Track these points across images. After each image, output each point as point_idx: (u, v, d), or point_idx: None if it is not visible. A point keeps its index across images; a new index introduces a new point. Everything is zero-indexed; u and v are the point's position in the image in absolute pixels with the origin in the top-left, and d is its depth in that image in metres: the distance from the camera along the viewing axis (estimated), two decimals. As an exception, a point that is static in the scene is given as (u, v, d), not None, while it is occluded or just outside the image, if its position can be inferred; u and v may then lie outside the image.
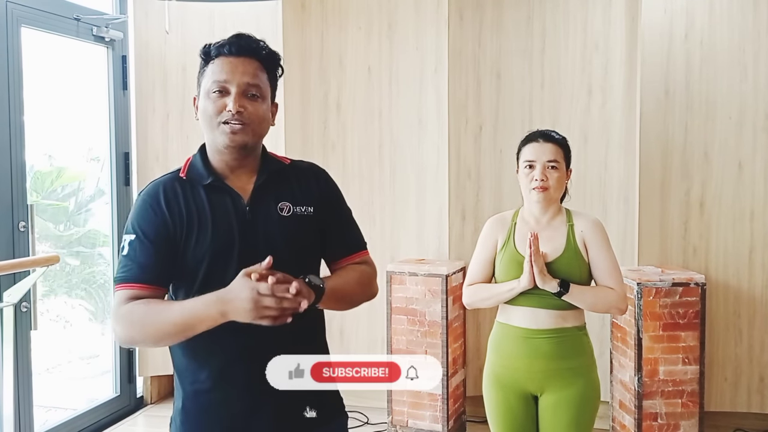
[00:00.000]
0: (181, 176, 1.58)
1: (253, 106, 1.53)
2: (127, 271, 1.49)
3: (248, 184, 1.58)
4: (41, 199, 4.33)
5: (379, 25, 4.12)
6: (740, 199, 3.76)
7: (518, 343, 2.28)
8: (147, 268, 1.49)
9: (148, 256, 1.49)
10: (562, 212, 2.36)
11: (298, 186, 1.62)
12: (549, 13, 3.95)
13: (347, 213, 1.73)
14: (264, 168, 1.60)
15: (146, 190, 1.57)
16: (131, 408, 4.26)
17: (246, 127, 1.52)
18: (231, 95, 1.51)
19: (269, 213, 1.56)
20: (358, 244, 1.72)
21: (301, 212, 1.59)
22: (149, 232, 1.50)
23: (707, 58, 3.76)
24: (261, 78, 1.55)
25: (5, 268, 3.04)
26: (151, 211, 1.52)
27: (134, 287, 1.48)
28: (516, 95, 4.00)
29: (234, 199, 1.55)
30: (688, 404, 3.42)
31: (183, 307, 1.42)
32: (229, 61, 1.53)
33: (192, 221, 1.52)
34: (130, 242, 1.51)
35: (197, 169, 1.58)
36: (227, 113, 1.50)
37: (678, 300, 3.40)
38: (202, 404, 1.55)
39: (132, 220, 1.53)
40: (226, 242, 1.51)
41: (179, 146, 4.25)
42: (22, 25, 3.44)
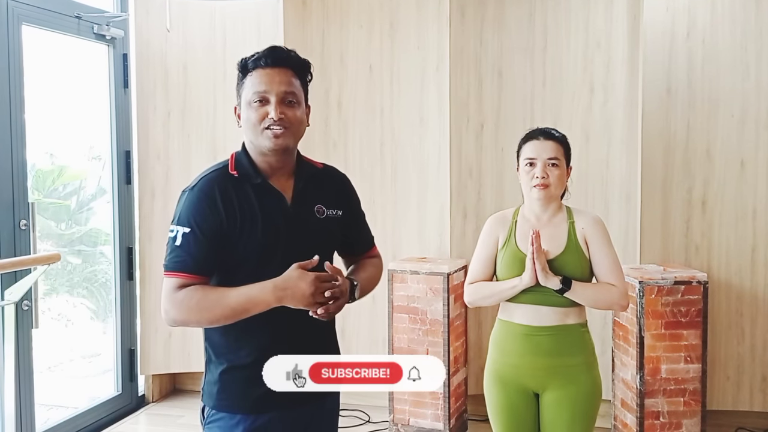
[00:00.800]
0: (231, 173, 1.71)
1: (292, 111, 1.68)
2: (180, 262, 1.64)
3: (287, 185, 1.75)
4: (43, 198, 4.33)
5: (381, 23, 4.12)
6: (742, 197, 3.75)
7: (520, 340, 2.27)
8: (199, 260, 1.64)
9: (200, 249, 1.63)
10: (562, 210, 2.36)
11: (330, 191, 1.83)
12: (550, 11, 3.95)
13: (363, 214, 1.96)
14: (301, 172, 1.78)
15: (200, 186, 1.69)
16: (133, 407, 4.26)
17: (287, 131, 1.67)
18: (271, 104, 1.66)
19: (309, 214, 1.75)
20: (372, 241, 1.99)
21: (332, 215, 1.80)
22: (204, 227, 1.64)
23: (709, 57, 3.75)
24: (295, 85, 1.71)
25: (6, 267, 3.04)
26: (206, 207, 1.65)
27: (186, 277, 1.63)
28: (517, 93, 3.99)
29: (279, 199, 1.72)
30: (691, 403, 3.41)
31: (239, 293, 1.60)
32: (267, 73, 1.68)
33: (244, 218, 1.66)
34: (184, 234, 1.64)
35: (245, 168, 1.72)
36: (269, 120, 1.66)
37: (680, 298, 3.40)
38: (239, 377, 1.69)
39: (187, 213, 1.66)
40: (273, 239, 1.68)
41: (180, 144, 4.24)
42: (23, 23, 3.44)
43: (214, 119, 4.27)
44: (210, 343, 1.76)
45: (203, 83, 4.26)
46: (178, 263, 1.65)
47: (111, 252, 4.27)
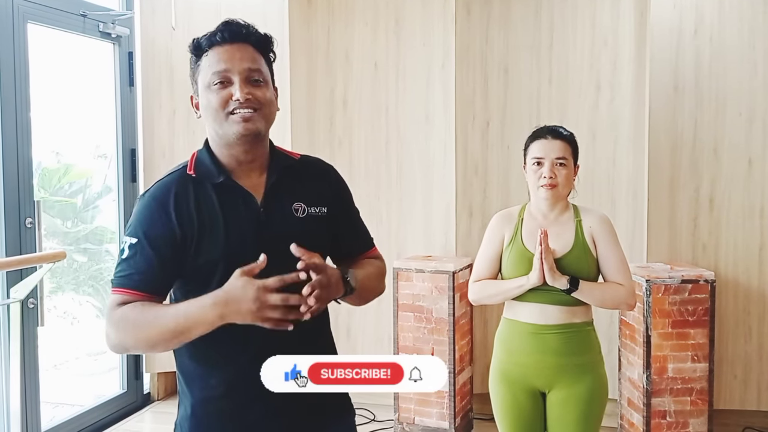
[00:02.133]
0: (189, 173, 1.49)
1: (260, 92, 1.46)
2: (124, 277, 1.43)
3: (259, 182, 1.51)
4: (49, 196, 4.34)
5: (386, 20, 4.10)
6: (750, 196, 3.73)
7: (526, 339, 2.26)
8: (146, 276, 1.42)
9: (148, 263, 1.42)
10: (569, 208, 2.34)
11: (310, 185, 1.57)
12: (557, 8, 3.93)
13: (356, 210, 1.69)
14: (275, 165, 1.53)
15: (152, 192, 1.48)
16: (138, 404, 4.27)
17: (257, 113, 1.44)
18: (235, 84, 1.44)
19: (284, 215, 1.50)
20: (370, 241, 1.71)
21: (315, 213, 1.54)
22: (153, 238, 1.43)
23: (717, 55, 3.73)
24: (260, 62, 1.49)
25: (12, 264, 3.04)
26: (156, 215, 1.44)
27: (130, 293, 1.42)
28: (523, 91, 3.98)
29: (246, 199, 1.48)
30: (697, 402, 3.39)
31: (177, 311, 1.36)
32: (225, 50, 1.46)
33: (203, 225, 1.44)
34: (130, 245, 1.43)
35: (206, 166, 1.50)
36: (234, 102, 1.43)
37: (687, 297, 3.38)
38: (213, 411, 1.49)
39: (135, 222, 1.46)
40: (240, 246, 1.44)
41: (186, 142, 4.24)
42: (29, 21, 3.44)
43: (219, 117, 4.26)
44: (179, 369, 1.54)
45: (208, 81, 4.26)
46: (122, 278, 1.43)
47: (116, 250, 4.27)
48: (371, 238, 1.72)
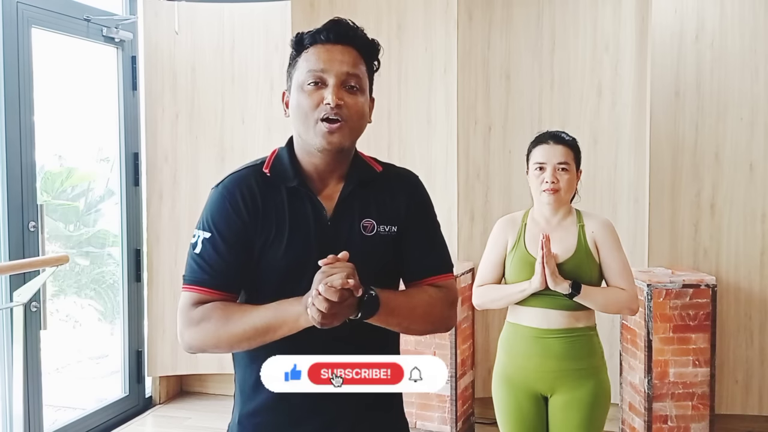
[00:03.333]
0: (264, 171, 1.42)
1: (353, 99, 1.38)
2: (200, 273, 1.37)
3: (334, 192, 1.43)
4: (51, 199, 4.35)
5: (388, 25, 4.12)
6: (751, 201, 3.74)
7: (529, 343, 2.27)
8: (219, 272, 1.37)
9: (222, 258, 1.37)
10: (572, 213, 2.35)
11: (385, 200, 1.46)
12: (558, 13, 3.94)
13: (432, 231, 1.54)
14: (352, 175, 1.45)
15: (224, 184, 1.42)
16: (140, 408, 4.27)
17: (344, 124, 1.36)
18: (329, 87, 1.35)
19: (351, 230, 1.41)
20: (439, 267, 1.51)
21: (384, 231, 1.44)
22: (225, 231, 1.37)
23: (718, 59, 3.74)
24: (360, 68, 1.41)
25: (15, 268, 3.05)
26: (229, 207, 1.38)
27: (204, 292, 1.37)
28: (525, 96, 3.99)
29: (316, 209, 1.40)
30: (699, 407, 3.40)
31: (266, 309, 1.32)
32: (326, 50, 1.38)
33: (268, 225, 1.38)
34: (203, 240, 1.38)
35: (283, 167, 1.43)
36: (325, 107, 1.34)
37: (688, 302, 3.38)
38: (257, 424, 1.44)
39: (207, 215, 1.40)
40: (301, 255, 1.37)
41: (188, 146, 4.25)
42: (33, 25, 3.46)
43: (221, 121, 4.27)
44: (236, 372, 1.50)
45: (211, 85, 4.27)
46: (196, 275, 1.37)
47: (119, 253, 4.28)
48: (445, 263, 1.53)
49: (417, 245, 1.49)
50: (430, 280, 1.49)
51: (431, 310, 1.46)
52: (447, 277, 1.51)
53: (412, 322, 1.44)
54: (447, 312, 1.50)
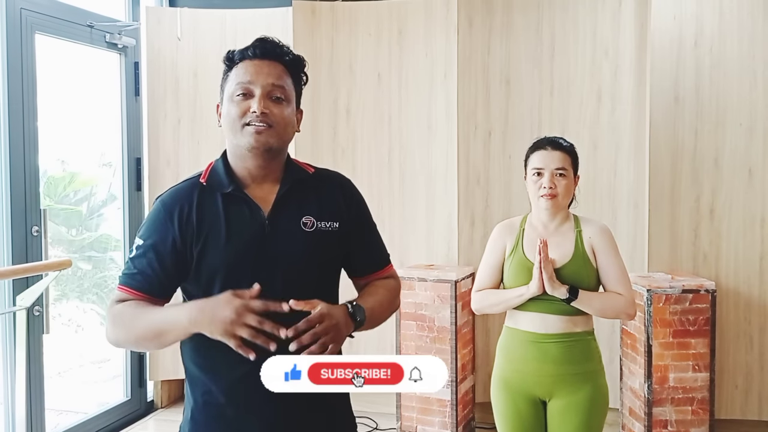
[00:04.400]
0: (201, 181, 1.53)
1: (278, 109, 1.48)
2: (129, 277, 1.48)
3: (270, 194, 1.52)
4: (54, 204, 4.37)
5: (389, 31, 4.14)
6: (751, 206, 3.75)
7: (527, 348, 2.28)
8: (149, 279, 1.47)
9: (151, 268, 1.47)
10: (570, 218, 2.37)
11: (322, 198, 1.56)
12: (558, 19, 3.96)
13: (372, 227, 1.68)
14: (287, 177, 1.54)
15: (162, 198, 1.53)
16: (141, 412, 4.28)
17: (270, 129, 1.47)
18: (255, 97, 1.47)
19: (291, 227, 1.50)
20: (384, 259, 1.68)
21: (325, 228, 1.53)
22: (157, 242, 1.47)
23: (717, 65, 3.76)
24: (285, 81, 1.52)
25: (18, 272, 3.07)
26: (162, 220, 1.48)
27: (132, 293, 1.47)
28: (525, 101, 4.00)
29: (253, 210, 1.49)
30: (699, 411, 3.40)
31: (162, 312, 1.43)
32: (254, 64, 1.50)
33: (204, 233, 1.47)
34: (137, 246, 1.49)
35: (218, 176, 1.53)
36: (251, 114, 1.46)
37: (688, 307, 3.39)
38: (212, 417, 1.50)
39: (145, 226, 1.51)
40: (240, 257, 1.46)
41: (190, 152, 4.28)
42: (37, 31, 3.48)
43: (223, 127, 4.29)
44: (186, 374, 1.56)
45: (213, 91, 4.24)
46: (126, 278, 1.48)
47: (121, 258, 4.30)
48: (387, 255, 1.69)
49: (361, 242, 1.63)
50: (379, 273, 1.66)
51: (392, 300, 1.65)
52: (391, 267, 1.70)
53: (382, 317, 1.61)
54: (398, 298, 1.70)
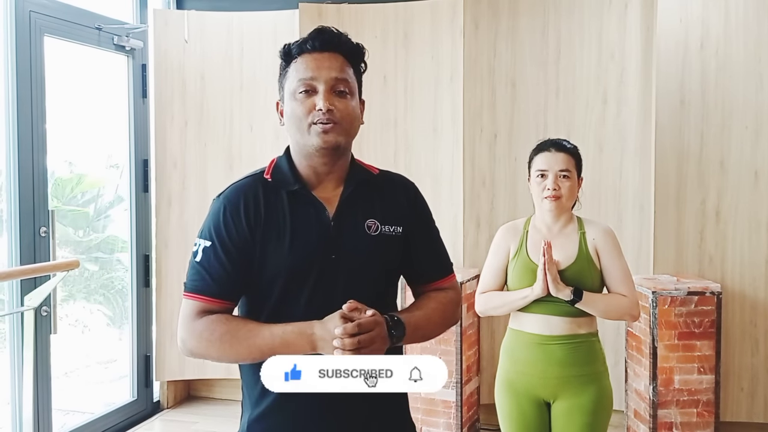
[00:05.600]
0: (265, 177, 1.48)
1: (343, 103, 1.43)
2: (200, 282, 1.42)
3: (335, 194, 1.48)
4: (62, 205, 4.40)
5: (395, 33, 4.16)
6: (757, 209, 3.74)
7: (531, 350, 2.29)
8: (221, 281, 1.41)
9: (222, 267, 1.41)
10: (573, 220, 2.37)
11: (387, 201, 1.53)
12: (564, 22, 3.97)
13: (435, 233, 1.63)
14: (351, 177, 1.50)
15: (226, 194, 1.47)
16: (148, 412, 4.30)
17: (337, 126, 1.42)
18: (319, 93, 1.41)
19: (356, 229, 1.46)
20: (445, 269, 1.61)
21: (389, 232, 1.49)
22: (227, 240, 1.41)
23: (723, 68, 3.75)
24: (348, 73, 1.46)
25: (26, 273, 3.10)
26: (230, 217, 1.42)
27: (206, 300, 1.41)
28: (531, 104, 4.01)
29: (318, 210, 1.44)
30: (704, 414, 3.40)
31: (274, 333, 1.36)
32: (314, 58, 1.43)
33: (270, 230, 1.42)
34: (204, 249, 1.42)
35: (283, 173, 1.47)
36: (317, 113, 1.40)
37: (693, 309, 3.39)
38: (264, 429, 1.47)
39: (208, 225, 1.45)
40: (305, 257, 1.41)
41: (197, 153, 4.30)
42: (45, 34, 3.51)
43: (230, 129, 4.32)
44: (243, 380, 1.51)
45: (220, 93, 4.32)
46: (197, 283, 1.41)
47: (128, 259, 4.32)
48: (449, 264, 1.63)
49: (423, 248, 1.57)
50: (438, 283, 1.58)
51: (445, 315, 1.55)
52: (452, 277, 1.61)
53: (431, 332, 1.53)
54: (457, 311, 1.61)
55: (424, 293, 1.58)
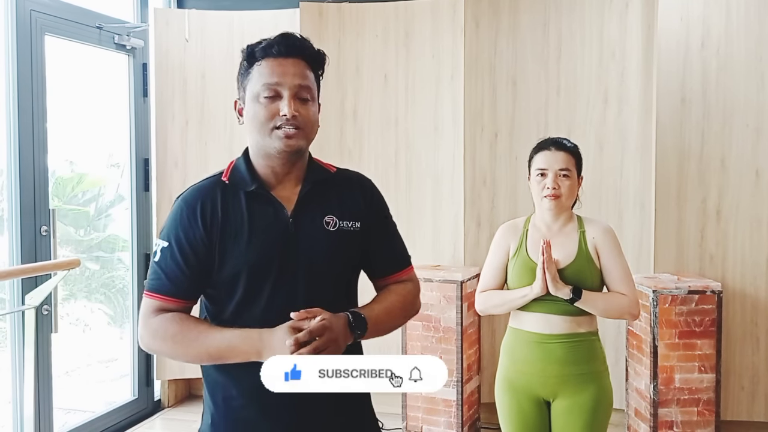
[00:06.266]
0: (223, 180, 1.51)
1: (305, 109, 1.47)
2: (157, 281, 1.45)
3: (293, 193, 1.51)
4: (63, 204, 4.40)
5: (396, 32, 4.15)
6: (757, 207, 3.74)
7: (531, 348, 2.29)
8: (177, 281, 1.44)
9: (179, 268, 1.44)
10: (573, 219, 2.37)
11: (344, 198, 1.56)
12: (565, 20, 3.96)
13: (393, 228, 1.66)
14: (309, 176, 1.53)
15: (184, 196, 1.50)
16: (149, 411, 4.31)
17: (300, 131, 1.45)
18: (284, 99, 1.44)
19: (314, 226, 1.49)
20: (404, 261, 1.66)
21: (347, 228, 1.52)
22: (183, 242, 1.44)
23: (724, 67, 3.75)
24: (310, 79, 1.49)
25: (27, 272, 3.10)
26: (186, 219, 1.45)
27: (163, 299, 1.45)
28: (531, 103, 4.01)
29: (277, 209, 1.47)
30: (704, 413, 3.40)
31: (222, 338, 1.40)
32: (279, 63, 1.45)
33: (228, 231, 1.45)
34: (162, 249, 1.46)
35: (241, 174, 1.51)
36: (281, 118, 1.43)
37: (694, 308, 3.39)
38: (232, 420, 1.49)
39: (167, 226, 1.48)
40: (265, 255, 1.44)
41: (198, 152, 4.30)
42: (46, 33, 3.51)
43: (231, 128, 4.31)
44: (204, 376, 1.55)
45: (221, 92, 4.31)
46: (155, 282, 1.45)
47: (129, 258, 4.32)
48: (407, 257, 1.67)
49: (380, 243, 1.61)
50: (396, 276, 1.63)
51: (405, 307, 1.61)
52: (410, 269, 1.67)
53: (393, 325, 1.57)
54: (416, 302, 1.66)
55: (385, 287, 1.62)
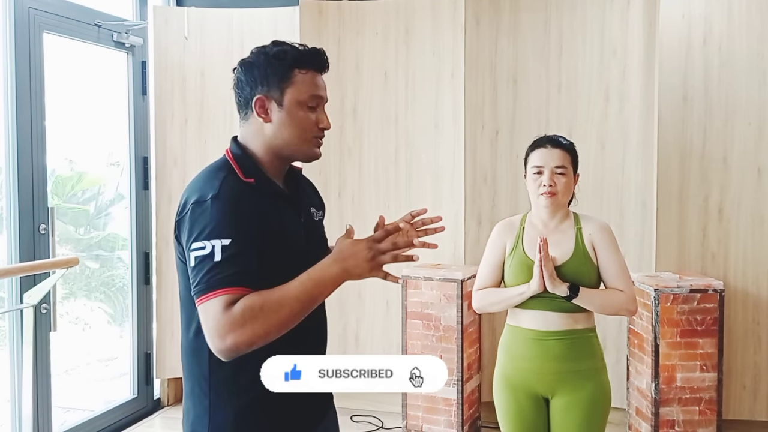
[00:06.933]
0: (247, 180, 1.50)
1: None
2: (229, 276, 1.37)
3: (286, 188, 1.61)
4: (62, 203, 4.39)
5: (396, 30, 4.14)
6: (759, 205, 3.73)
7: (529, 345, 2.28)
8: (250, 272, 1.40)
9: (246, 258, 1.40)
10: (569, 216, 2.37)
11: (310, 192, 1.73)
12: (566, 18, 3.95)
13: None
14: (292, 174, 1.65)
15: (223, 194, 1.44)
16: (148, 410, 4.30)
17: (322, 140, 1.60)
18: (321, 111, 1.56)
19: (312, 219, 1.65)
20: None
21: (321, 218, 1.71)
22: (243, 235, 1.41)
23: (726, 64, 3.74)
24: None
25: (26, 270, 3.09)
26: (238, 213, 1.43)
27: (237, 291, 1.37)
28: (532, 100, 3.99)
29: (292, 204, 1.59)
30: (706, 412, 3.39)
31: (302, 282, 1.40)
32: (319, 78, 1.56)
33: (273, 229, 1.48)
34: (223, 247, 1.38)
35: (258, 173, 1.52)
36: (319, 129, 1.55)
37: (696, 306, 3.38)
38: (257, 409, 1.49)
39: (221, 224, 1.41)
40: (293, 248, 1.52)
41: (197, 150, 4.29)
42: (45, 31, 3.50)
43: (230, 126, 4.30)
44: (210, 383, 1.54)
45: (220, 90, 4.30)
46: (225, 278, 1.37)
47: (128, 257, 4.31)
48: None
49: None
50: None
51: None
52: None
53: None
54: None
55: None
